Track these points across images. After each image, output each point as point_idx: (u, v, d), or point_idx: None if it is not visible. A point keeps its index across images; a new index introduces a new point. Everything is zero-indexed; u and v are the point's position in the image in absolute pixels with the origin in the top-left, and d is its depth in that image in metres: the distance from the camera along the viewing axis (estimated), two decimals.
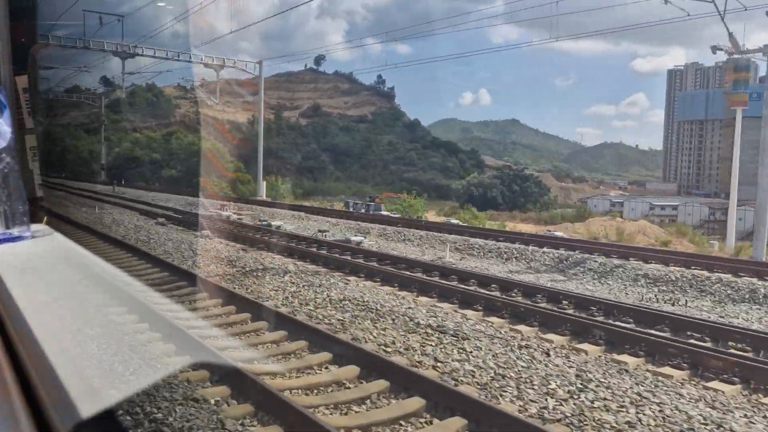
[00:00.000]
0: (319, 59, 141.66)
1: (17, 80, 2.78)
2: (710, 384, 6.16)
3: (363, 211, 27.78)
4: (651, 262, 13.24)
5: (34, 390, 0.85)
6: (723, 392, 5.92)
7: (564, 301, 9.50)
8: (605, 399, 5.37)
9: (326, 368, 6.14)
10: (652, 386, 5.79)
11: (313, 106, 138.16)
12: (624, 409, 5.16)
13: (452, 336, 7.18)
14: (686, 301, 10.36)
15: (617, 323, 8.15)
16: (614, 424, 4.82)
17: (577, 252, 14.51)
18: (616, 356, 6.98)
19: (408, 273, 11.69)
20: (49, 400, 0.82)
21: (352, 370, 5.93)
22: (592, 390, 5.56)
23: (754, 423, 5.13)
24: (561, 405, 5.20)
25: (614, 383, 5.79)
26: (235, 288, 9.64)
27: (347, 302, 8.80)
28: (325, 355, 6.37)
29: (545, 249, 14.93)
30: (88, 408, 0.82)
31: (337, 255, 13.91)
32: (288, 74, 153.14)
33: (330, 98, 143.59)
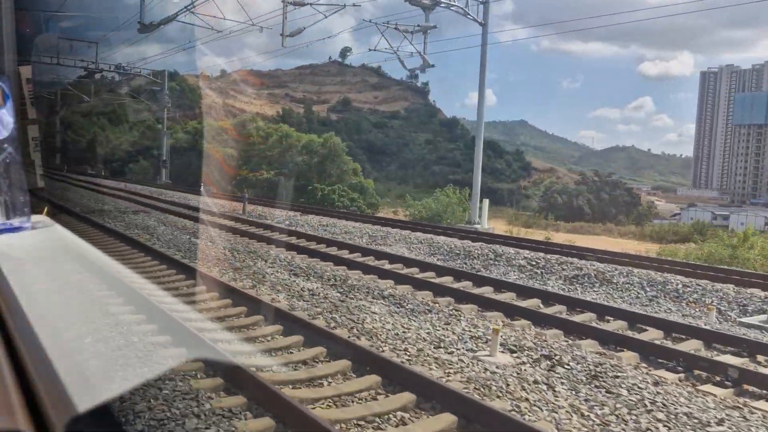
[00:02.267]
0: (345, 51, 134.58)
1: (21, 70, 2.78)
2: None
3: None
4: None
5: (30, 382, 0.84)
6: None
7: None
8: None
9: None
10: None
11: (342, 100, 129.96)
12: None
13: None
14: None
15: None
16: None
17: None
18: None
19: None
20: (45, 392, 0.82)
21: None
22: None
23: None
24: None
25: None
26: None
27: None
28: None
29: None
30: (84, 401, 0.82)
31: None
32: (311, 66, 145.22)
33: (359, 92, 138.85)
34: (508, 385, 5.68)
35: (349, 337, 6.92)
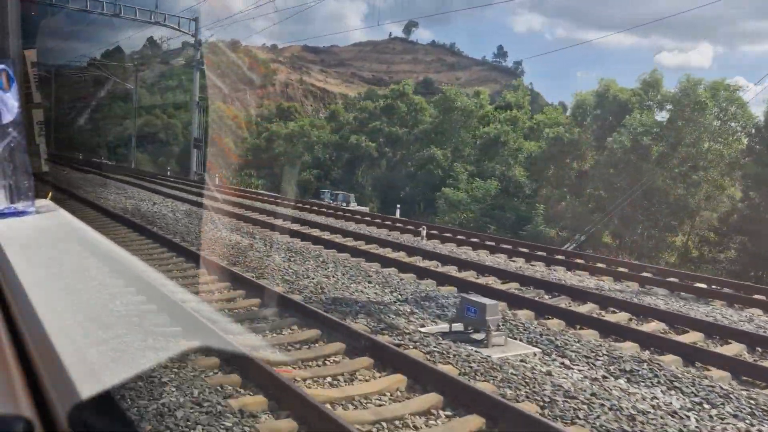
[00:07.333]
0: (410, 27, 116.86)
1: (26, 54, 2.77)
2: None
3: None
4: None
5: (34, 367, 0.83)
6: None
7: None
8: None
9: None
10: None
11: (424, 81, 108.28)
12: None
13: None
14: None
15: None
16: None
17: None
18: None
19: None
20: (49, 378, 0.81)
21: None
22: None
23: None
24: None
25: None
26: None
27: None
28: None
29: None
30: (87, 388, 0.81)
31: None
32: (371, 43, 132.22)
33: (437, 73, 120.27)
34: None
35: None
